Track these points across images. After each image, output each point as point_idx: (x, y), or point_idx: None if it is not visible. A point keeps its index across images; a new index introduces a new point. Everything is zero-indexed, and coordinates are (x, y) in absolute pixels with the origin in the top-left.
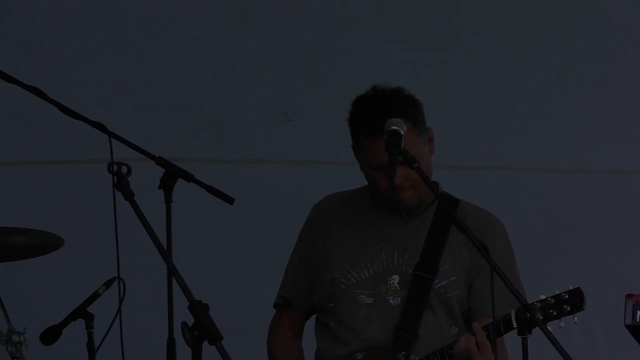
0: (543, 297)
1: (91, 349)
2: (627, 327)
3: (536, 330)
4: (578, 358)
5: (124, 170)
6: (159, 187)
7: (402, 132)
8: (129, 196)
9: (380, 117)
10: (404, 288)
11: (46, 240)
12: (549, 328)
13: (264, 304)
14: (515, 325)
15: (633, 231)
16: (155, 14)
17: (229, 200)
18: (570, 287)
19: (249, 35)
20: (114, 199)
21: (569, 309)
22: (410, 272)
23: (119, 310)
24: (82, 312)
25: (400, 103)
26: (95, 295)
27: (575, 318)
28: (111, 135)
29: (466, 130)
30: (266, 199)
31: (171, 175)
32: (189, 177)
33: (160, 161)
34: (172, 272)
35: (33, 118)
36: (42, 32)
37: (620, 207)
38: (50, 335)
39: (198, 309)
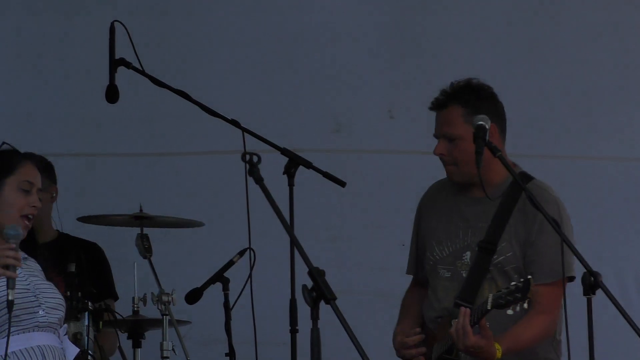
0: (513, 283)
1: (227, 308)
2: None
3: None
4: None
5: (255, 159)
6: (284, 173)
7: (487, 127)
8: (258, 180)
9: (441, 95)
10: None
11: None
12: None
13: (370, 271)
14: (489, 307)
15: None
16: (284, 30)
17: (341, 183)
18: (522, 280)
19: (360, 49)
20: (246, 183)
21: (520, 296)
22: (476, 248)
23: (250, 275)
24: (219, 277)
25: (459, 88)
26: (230, 263)
27: (526, 305)
28: (244, 130)
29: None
30: (373, 183)
31: (293, 163)
32: (308, 165)
33: (284, 151)
34: (294, 243)
35: (179, 116)
36: (187, 45)
37: None
38: (193, 296)
39: (316, 274)
